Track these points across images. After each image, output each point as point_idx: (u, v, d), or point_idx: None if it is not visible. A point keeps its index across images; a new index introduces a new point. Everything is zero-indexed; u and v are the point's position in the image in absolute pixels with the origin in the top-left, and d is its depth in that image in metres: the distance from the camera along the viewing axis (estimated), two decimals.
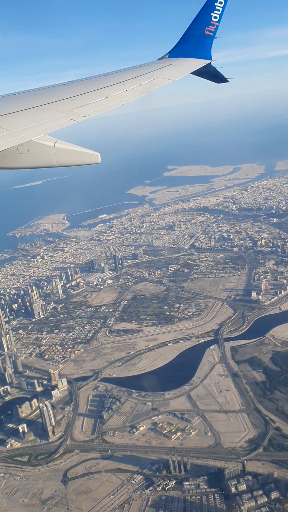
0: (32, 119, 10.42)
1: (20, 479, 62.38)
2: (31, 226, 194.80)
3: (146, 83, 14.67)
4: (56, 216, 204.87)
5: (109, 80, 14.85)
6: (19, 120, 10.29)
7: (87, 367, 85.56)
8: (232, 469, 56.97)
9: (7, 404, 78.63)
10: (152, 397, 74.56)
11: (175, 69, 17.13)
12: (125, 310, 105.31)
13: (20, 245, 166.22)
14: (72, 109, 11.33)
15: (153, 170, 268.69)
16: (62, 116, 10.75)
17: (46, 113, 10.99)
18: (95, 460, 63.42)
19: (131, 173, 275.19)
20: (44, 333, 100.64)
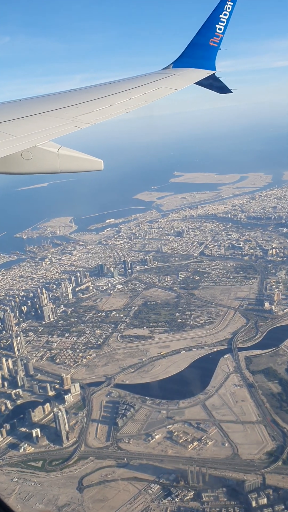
0: (36, 125, 10.52)
1: (35, 485, 61.63)
2: (38, 228, 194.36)
3: (150, 92, 14.87)
4: (63, 219, 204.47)
5: (114, 89, 15.06)
6: (24, 126, 10.37)
7: (99, 372, 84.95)
8: (252, 481, 56.40)
9: (19, 407, 77.89)
10: (166, 405, 73.98)
11: (179, 79, 17.43)
12: (136, 316, 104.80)
13: (28, 247, 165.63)
14: (76, 116, 11.47)
15: (160, 176, 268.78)
16: (66, 123, 10.86)
17: (50, 120, 11.11)
18: (111, 468, 62.74)
19: (137, 178, 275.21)
20: (54, 336, 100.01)
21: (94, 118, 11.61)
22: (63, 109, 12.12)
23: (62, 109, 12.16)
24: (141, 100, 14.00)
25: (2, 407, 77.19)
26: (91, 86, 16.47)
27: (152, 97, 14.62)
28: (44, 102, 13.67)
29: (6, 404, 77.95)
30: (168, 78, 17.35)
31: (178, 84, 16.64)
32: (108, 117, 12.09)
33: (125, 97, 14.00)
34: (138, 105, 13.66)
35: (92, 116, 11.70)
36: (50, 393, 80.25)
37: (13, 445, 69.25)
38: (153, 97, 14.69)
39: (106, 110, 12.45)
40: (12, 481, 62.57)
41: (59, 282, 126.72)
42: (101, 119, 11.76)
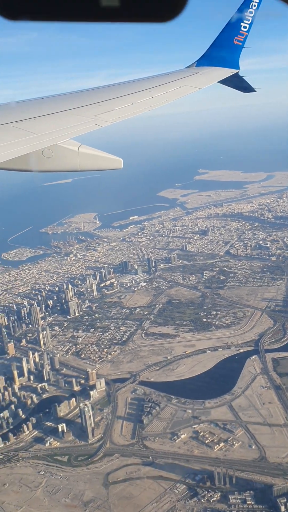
0: (57, 124, 10.59)
1: (61, 479, 62.08)
2: (63, 224, 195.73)
3: (172, 91, 14.86)
4: (87, 215, 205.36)
5: (136, 87, 15.05)
6: (45, 124, 10.42)
7: (124, 368, 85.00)
8: (280, 486, 55.52)
9: (45, 401, 78.60)
10: (192, 404, 73.53)
11: (202, 78, 17.33)
12: (160, 313, 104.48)
13: (53, 242, 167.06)
14: (98, 114, 11.48)
15: (184, 173, 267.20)
16: (87, 121, 10.86)
17: (71, 118, 11.19)
18: (136, 466, 62.71)
19: (161, 175, 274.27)
20: (80, 331, 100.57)
21: (115, 117, 11.60)
22: (85, 107, 12.09)
23: (84, 107, 12.13)
24: (163, 99, 13.91)
25: (28, 401, 77.99)
26: (112, 85, 16.53)
27: (174, 96, 14.55)
28: (66, 100, 13.68)
29: (32, 398, 78.75)
30: (191, 76, 17.18)
31: (201, 83, 16.52)
32: (129, 115, 12.10)
33: (147, 95, 13.92)
34: (160, 104, 13.57)
35: (113, 115, 11.70)
36: (75, 388, 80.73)
37: (39, 439, 69.92)
38: (175, 95, 14.62)
39: (127, 109, 12.42)
40: (39, 474, 63.19)
41: (84, 278, 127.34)
42: (122, 117, 11.76)
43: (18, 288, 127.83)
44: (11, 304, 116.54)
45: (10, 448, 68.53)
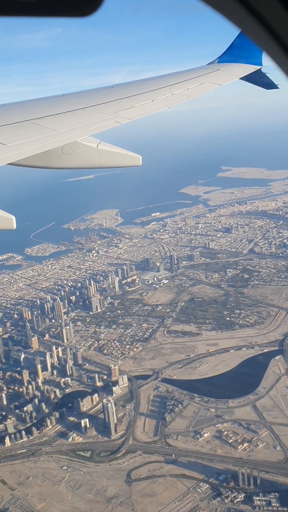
0: (77, 121, 10.65)
1: (84, 474, 62.36)
2: (85, 220, 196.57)
3: (193, 87, 14.81)
4: (109, 212, 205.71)
5: (156, 84, 15.07)
6: (65, 121, 10.49)
7: (146, 365, 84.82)
8: None
9: (68, 396, 79.13)
10: (215, 403, 72.88)
11: (224, 74, 17.20)
12: (182, 311, 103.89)
13: (76, 238, 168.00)
14: (118, 111, 11.53)
15: (207, 170, 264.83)
16: (107, 118, 10.92)
17: (91, 115, 11.21)
18: (159, 464, 62.51)
19: (183, 171, 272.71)
20: (102, 327, 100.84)
21: (135, 114, 11.59)
22: (105, 104, 12.11)
23: (104, 104, 12.15)
24: (183, 96, 13.88)
25: (52, 395, 78.61)
26: (133, 82, 16.53)
27: (195, 92, 14.47)
28: (87, 97, 13.71)
29: (55, 392, 79.34)
30: (213, 73, 17.03)
31: (222, 80, 16.36)
32: (149, 112, 12.05)
33: (168, 92, 13.92)
34: (180, 100, 13.55)
35: (133, 111, 11.69)
36: (98, 383, 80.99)
37: (62, 434, 70.40)
38: (196, 92, 14.53)
39: (147, 105, 12.38)
40: (62, 468, 63.61)
41: (106, 274, 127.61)
42: (142, 114, 11.74)
43: (41, 283, 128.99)
44: (34, 299, 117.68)
45: (33, 442, 69.20)
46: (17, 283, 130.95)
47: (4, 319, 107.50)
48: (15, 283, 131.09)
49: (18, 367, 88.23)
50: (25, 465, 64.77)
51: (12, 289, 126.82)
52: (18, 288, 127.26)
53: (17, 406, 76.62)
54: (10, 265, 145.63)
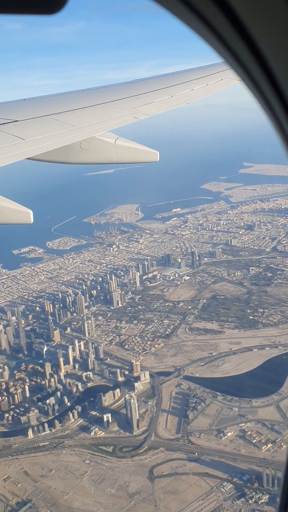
0: (96, 116, 10.65)
1: (106, 469, 62.42)
2: (105, 214, 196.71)
3: (213, 83, 14.70)
4: (130, 207, 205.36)
5: (176, 80, 14.94)
6: (84, 116, 10.48)
7: (168, 362, 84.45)
8: None
9: (89, 390, 79.33)
10: (238, 402, 72.14)
11: None
12: (204, 309, 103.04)
13: (96, 232, 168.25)
14: (136, 107, 11.45)
15: (228, 166, 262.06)
16: (126, 114, 10.92)
17: (110, 111, 11.21)
18: (181, 461, 62.18)
19: (204, 167, 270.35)
20: (123, 322, 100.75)
21: (154, 109, 11.51)
22: (123, 100, 12.06)
23: (122, 100, 12.10)
24: (203, 91, 13.77)
25: (74, 389, 78.92)
26: (152, 77, 16.49)
27: (215, 88, 14.36)
28: (106, 92, 13.64)
29: (78, 386, 79.65)
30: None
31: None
32: (169, 108, 11.97)
33: (187, 88, 13.84)
34: (200, 96, 13.41)
35: (152, 107, 11.61)
36: (119, 378, 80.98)
37: (84, 428, 70.62)
38: (215, 88, 14.42)
39: (166, 101, 12.33)
40: (84, 462, 63.80)
41: (127, 269, 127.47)
42: (161, 110, 11.66)
43: (63, 277, 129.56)
44: (56, 292, 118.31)
45: (56, 435, 69.59)
46: (38, 276, 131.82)
47: (26, 311, 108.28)
48: (37, 276, 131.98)
49: (40, 359, 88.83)
50: (48, 458, 65.17)
51: (34, 281, 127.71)
52: (39, 281, 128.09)
53: (40, 399, 77.17)
54: (32, 258, 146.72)
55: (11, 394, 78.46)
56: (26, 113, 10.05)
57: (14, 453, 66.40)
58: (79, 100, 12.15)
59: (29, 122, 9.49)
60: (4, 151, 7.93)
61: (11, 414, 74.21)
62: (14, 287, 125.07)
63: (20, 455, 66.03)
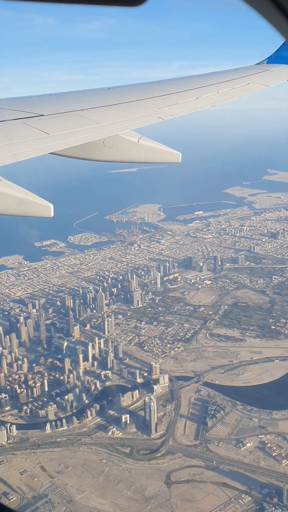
0: (120, 115, 10.70)
1: (123, 470, 62.05)
2: (127, 212, 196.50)
3: (239, 87, 14.63)
4: (151, 206, 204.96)
5: (202, 82, 14.85)
6: (109, 114, 10.52)
7: (187, 367, 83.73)
8: None
9: (107, 389, 79.08)
10: (258, 413, 71.13)
11: (272, 75, 16.85)
12: (225, 315, 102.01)
13: (118, 230, 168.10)
14: (161, 107, 11.43)
15: (252, 172, 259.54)
16: (150, 114, 10.89)
17: (134, 110, 11.20)
18: (199, 469, 61.49)
19: (227, 172, 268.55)
20: (143, 323, 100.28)
21: (178, 110, 11.52)
22: (149, 100, 12.04)
23: (148, 99, 12.08)
24: (229, 95, 13.74)
25: (92, 387, 78.73)
26: (178, 78, 16.54)
27: (241, 92, 14.27)
28: (131, 91, 13.68)
29: (96, 384, 79.42)
30: (261, 73, 16.71)
31: (270, 81, 16.04)
32: (193, 109, 11.97)
33: (213, 90, 13.78)
34: (226, 100, 13.42)
35: (176, 108, 11.63)
36: (138, 379, 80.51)
37: (101, 427, 70.34)
38: (242, 92, 14.33)
39: (191, 103, 12.30)
40: (101, 461, 63.52)
41: (148, 269, 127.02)
42: (185, 111, 11.69)
43: (83, 273, 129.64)
44: (76, 288, 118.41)
45: (73, 431, 69.47)
46: (59, 270, 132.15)
47: (47, 305, 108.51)
48: (58, 270, 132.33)
49: (59, 354, 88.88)
50: (65, 454, 65.07)
51: (55, 275, 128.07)
52: (60, 275, 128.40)
53: (58, 394, 77.12)
54: (53, 252, 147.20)
55: (30, 387, 78.63)
56: (52, 108, 10.10)
57: (31, 447, 66.46)
58: (104, 98, 12.13)
59: (54, 117, 9.56)
60: (29, 144, 7.97)
61: (29, 407, 74.35)
62: (35, 279, 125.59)
63: (37, 449, 66.07)
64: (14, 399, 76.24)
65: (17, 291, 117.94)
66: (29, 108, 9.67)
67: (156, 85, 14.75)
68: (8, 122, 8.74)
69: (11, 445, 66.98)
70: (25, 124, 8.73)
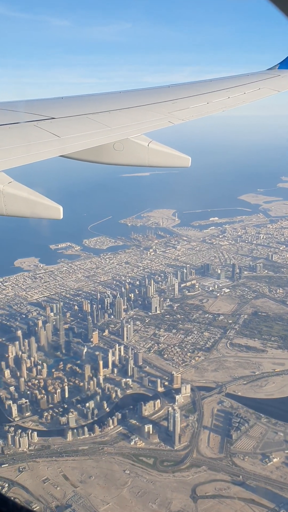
0: (131, 118, 10.65)
1: (147, 482, 60.86)
2: (141, 217, 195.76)
3: (250, 92, 14.59)
4: (166, 211, 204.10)
5: (213, 87, 14.87)
6: (119, 118, 10.52)
7: (209, 377, 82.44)
8: None
9: (128, 398, 78.00)
10: (283, 427, 69.67)
11: (283, 81, 16.76)
12: (246, 325, 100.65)
13: (133, 234, 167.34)
14: (172, 111, 11.49)
15: (266, 179, 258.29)
16: (161, 118, 10.93)
17: (145, 114, 11.19)
18: (226, 483, 60.14)
19: (241, 178, 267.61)
20: (161, 330, 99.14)
21: (189, 115, 11.54)
22: (159, 104, 12.06)
23: (158, 103, 12.10)
24: (239, 100, 13.74)
25: (113, 394, 77.67)
26: (189, 83, 16.55)
27: (252, 97, 14.22)
28: (142, 95, 13.66)
29: (117, 392, 78.36)
30: (272, 79, 16.64)
31: (281, 86, 16.00)
32: (204, 114, 11.97)
33: (224, 95, 13.77)
34: (236, 104, 13.40)
35: (187, 113, 11.65)
36: (159, 388, 79.37)
37: (124, 436, 69.24)
38: (253, 97, 14.28)
39: (202, 108, 12.32)
40: (124, 472, 62.38)
41: (165, 275, 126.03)
42: (196, 116, 11.68)
43: (100, 277, 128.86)
44: (93, 292, 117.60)
45: (95, 440, 68.41)
46: (75, 273, 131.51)
47: (64, 309, 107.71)
48: (74, 273, 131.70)
49: (78, 359, 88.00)
50: (87, 463, 64.01)
51: (71, 279, 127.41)
52: (76, 279, 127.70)
53: (79, 401, 76.15)
54: (69, 255, 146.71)
55: (50, 392, 77.74)
56: (63, 111, 10.14)
57: (53, 455, 65.49)
58: (115, 102, 12.16)
59: (65, 120, 9.59)
60: (40, 147, 8.01)
61: (50, 413, 73.41)
62: (52, 282, 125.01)
63: (59, 457, 65.08)
64: (35, 405, 75.38)
65: (34, 294, 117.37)
66: (40, 111, 9.73)
67: (167, 90, 14.72)
68: (20, 125, 8.77)
69: (33, 452, 66.05)
70: (36, 126, 8.78)
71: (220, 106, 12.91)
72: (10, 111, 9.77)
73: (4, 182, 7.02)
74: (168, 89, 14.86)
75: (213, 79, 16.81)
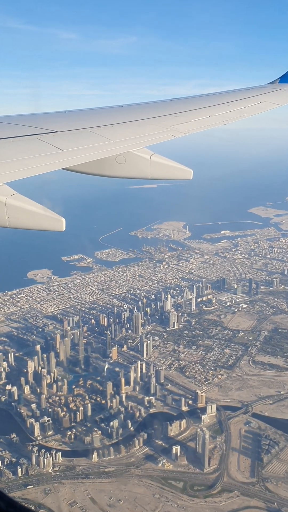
0: (133, 131, 10.75)
1: (178, 508, 58.67)
2: (152, 229, 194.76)
3: (251, 106, 14.75)
4: (176, 224, 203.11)
5: (214, 100, 15.00)
6: (121, 131, 10.59)
7: (233, 396, 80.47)
8: None
9: (152, 417, 75.96)
10: None
11: (284, 94, 16.89)
12: (267, 341, 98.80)
13: (144, 247, 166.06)
14: (174, 125, 11.58)
15: (274, 192, 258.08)
16: (163, 131, 11.02)
17: (147, 127, 11.28)
18: (261, 510, 57.98)
19: (249, 191, 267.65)
20: (181, 346, 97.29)
21: (191, 128, 11.71)
22: (161, 117, 12.22)
23: (160, 117, 12.26)
24: (241, 113, 13.94)
25: (136, 413, 75.67)
26: (191, 97, 16.68)
27: (253, 111, 14.39)
28: (144, 109, 13.85)
29: (140, 410, 76.36)
30: (273, 92, 16.84)
31: (282, 100, 16.15)
32: (206, 127, 12.16)
33: (225, 109, 13.97)
34: (238, 118, 13.59)
35: (189, 126, 11.82)
36: (183, 407, 77.35)
37: (150, 457, 67.15)
38: (254, 111, 14.45)
39: (204, 121, 12.50)
40: (154, 496, 60.20)
41: (180, 289, 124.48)
42: (197, 129, 11.86)
43: (114, 290, 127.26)
44: (108, 305, 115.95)
45: (121, 461, 66.31)
46: (89, 286, 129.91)
47: (80, 322, 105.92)
48: (88, 286, 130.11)
49: (98, 376, 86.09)
50: (114, 486, 61.85)
51: (85, 292, 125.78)
52: (91, 291, 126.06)
53: (102, 419, 74.13)
54: (82, 267, 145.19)
55: (72, 410, 75.75)
56: (66, 125, 10.24)
57: (79, 476, 63.35)
58: (117, 115, 12.28)
59: (68, 133, 9.69)
60: (43, 159, 8.09)
61: (73, 432, 71.34)
62: (66, 295, 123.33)
63: (85, 478, 62.94)
64: (57, 423, 73.32)
65: (49, 306, 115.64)
66: (43, 125, 9.86)
67: (169, 103, 14.88)
68: (22, 138, 8.85)
69: (57, 473, 63.93)
70: (39, 140, 8.89)
71: (221, 120, 13.08)
72: (14, 124, 9.80)
73: (7, 194, 6.97)
74: (170, 103, 15.02)
75: (215, 93, 17.05)
